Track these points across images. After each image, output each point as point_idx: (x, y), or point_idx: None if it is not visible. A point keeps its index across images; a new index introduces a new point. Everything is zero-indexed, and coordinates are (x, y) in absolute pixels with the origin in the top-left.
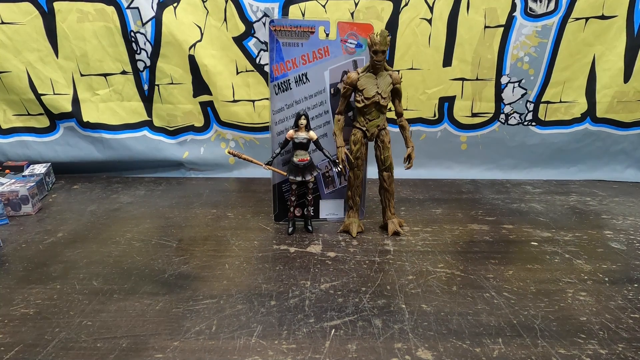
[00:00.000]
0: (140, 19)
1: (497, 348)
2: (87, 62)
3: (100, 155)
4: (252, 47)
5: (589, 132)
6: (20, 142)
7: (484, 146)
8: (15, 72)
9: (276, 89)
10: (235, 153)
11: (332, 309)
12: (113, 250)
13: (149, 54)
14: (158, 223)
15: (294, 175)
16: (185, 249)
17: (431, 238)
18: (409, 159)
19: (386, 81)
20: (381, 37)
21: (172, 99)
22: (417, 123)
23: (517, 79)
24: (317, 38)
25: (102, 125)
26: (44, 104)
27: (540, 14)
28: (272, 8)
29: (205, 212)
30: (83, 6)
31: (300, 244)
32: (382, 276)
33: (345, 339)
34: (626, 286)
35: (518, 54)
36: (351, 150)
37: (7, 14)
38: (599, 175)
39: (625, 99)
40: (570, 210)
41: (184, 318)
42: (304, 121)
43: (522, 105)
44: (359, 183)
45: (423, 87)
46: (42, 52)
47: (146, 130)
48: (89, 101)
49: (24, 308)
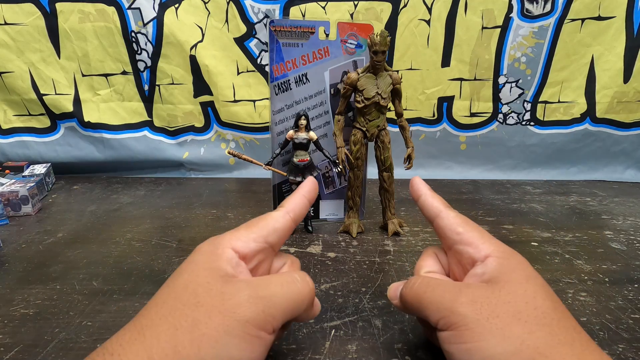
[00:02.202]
0: (141, 20)
1: None
2: (89, 63)
3: (101, 155)
4: (254, 48)
5: (588, 132)
6: (20, 142)
7: (484, 146)
8: (18, 72)
9: (276, 89)
10: (235, 153)
11: (332, 309)
12: (113, 250)
13: (150, 54)
14: (158, 223)
15: (294, 175)
16: (185, 250)
17: (431, 239)
18: (409, 160)
19: (386, 81)
20: (381, 37)
21: (173, 99)
22: (417, 123)
23: (514, 79)
24: (317, 38)
25: (103, 125)
26: (46, 104)
27: (537, 15)
28: (273, 9)
29: (205, 213)
30: (84, 7)
31: (300, 244)
32: (383, 277)
33: (345, 339)
34: (626, 286)
35: (515, 55)
36: (351, 150)
37: (9, 15)
38: (599, 175)
39: (625, 100)
40: (571, 211)
41: None
42: (304, 121)
43: (520, 105)
44: (359, 183)
45: (422, 88)
46: (44, 52)
47: (146, 130)
48: (90, 101)
49: (23, 308)
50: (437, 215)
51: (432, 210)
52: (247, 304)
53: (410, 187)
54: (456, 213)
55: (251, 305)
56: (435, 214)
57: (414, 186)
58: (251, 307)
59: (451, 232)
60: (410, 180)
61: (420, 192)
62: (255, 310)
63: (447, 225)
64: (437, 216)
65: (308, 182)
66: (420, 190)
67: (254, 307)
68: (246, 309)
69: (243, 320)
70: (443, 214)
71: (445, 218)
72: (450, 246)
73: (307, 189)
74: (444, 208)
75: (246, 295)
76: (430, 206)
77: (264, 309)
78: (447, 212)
